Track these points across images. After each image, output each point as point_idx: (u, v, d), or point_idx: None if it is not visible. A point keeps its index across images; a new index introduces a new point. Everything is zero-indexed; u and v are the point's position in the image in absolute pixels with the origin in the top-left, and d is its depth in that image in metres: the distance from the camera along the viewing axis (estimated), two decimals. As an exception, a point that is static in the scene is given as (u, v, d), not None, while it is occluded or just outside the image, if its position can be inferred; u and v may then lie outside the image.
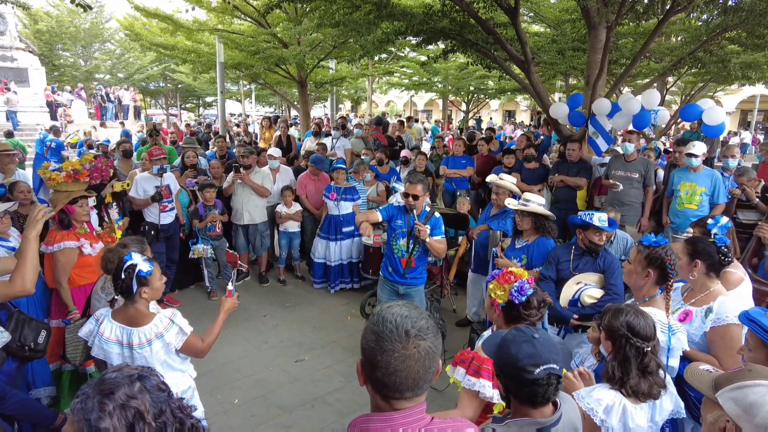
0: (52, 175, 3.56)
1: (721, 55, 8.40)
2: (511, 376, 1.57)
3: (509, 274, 2.22)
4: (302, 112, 13.79)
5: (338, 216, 6.25)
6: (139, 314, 2.50)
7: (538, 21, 13.05)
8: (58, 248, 3.55)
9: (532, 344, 1.55)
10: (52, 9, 26.83)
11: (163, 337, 2.49)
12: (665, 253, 2.47)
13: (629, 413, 1.96)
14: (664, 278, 2.48)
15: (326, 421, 3.88)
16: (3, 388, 2.38)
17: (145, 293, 2.49)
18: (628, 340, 1.99)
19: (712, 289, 2.59)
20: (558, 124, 7.17)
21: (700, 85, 14.23)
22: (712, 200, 5.31)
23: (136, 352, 2.44)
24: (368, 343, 1.26)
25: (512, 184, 4.73)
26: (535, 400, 1.56)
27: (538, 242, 4.00)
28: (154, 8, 12.49)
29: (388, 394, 1.26)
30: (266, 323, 5.56)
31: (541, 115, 31.79)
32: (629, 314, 2.04)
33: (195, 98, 35.28)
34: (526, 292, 2.16)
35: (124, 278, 2.42)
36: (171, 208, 5.74)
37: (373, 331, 1.26)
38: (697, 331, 2.52)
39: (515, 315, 2.19)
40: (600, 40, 6.74)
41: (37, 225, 2.53)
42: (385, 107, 42.23)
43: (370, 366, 1.26)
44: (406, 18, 6.97)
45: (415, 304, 1.34)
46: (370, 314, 5.61)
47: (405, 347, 1.22)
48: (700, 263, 2.59)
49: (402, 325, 1.24)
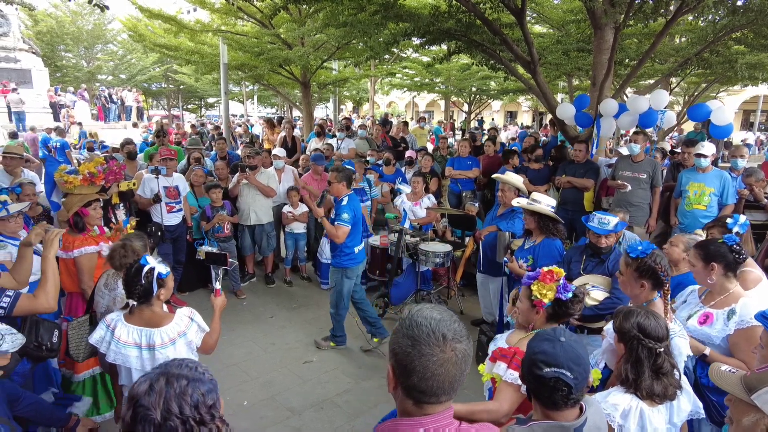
0: (69, 179, 3.57)
1: (727, 55, 8.39)
2: (525, 368, 1.62)
3: (549, 273, 2.24)
4: (305, 113, 13.79)
5: None
6: (156, 315, 2.52)
7: (541, 22, 13.04)
8: (79, 254, 3.54)
9: (553, 345, 1.57)
10: (54, 10, 26.89)
11: (185, 335, 2.53)
12: (654, 261, 2.41)
13: (647, 416, 1.94)
14: (659, 285, 2.43)
15: (335, 423, 3.86)
16: (17, 390, 2.37)
17: (162, 294, 2.52)
18: (640, 342, 1.98)
19: (731, 290, 2.56)
20: (564, 125, 7.15)
21: (703, 85, 14.22)
22: (720, 201, 5.29)
23: (159, 353, 2.44)
24: (403, 348, 1.23)
25: (518, 181, 4.72)
26: (548, 401, 1.57)
27: (543, 243, 3.98)
28: (157, 9, 12.51)
29: (422, 399, 1.24)
30: (273, 324, 5.54)
31: (543, 115, 31.89)
32: (640, 315, 2.03)
33: (197, 99, 35.36)
34: (571, 288, 2.20)
35: (144, 282, 2.44)
36: (178, 209, 5.74)
37: (409, 335, 1.23)
38: (720, 333, 2.49)
39: (561, 312, 2.22)
40: (606, 41, 6.73)
41: (54, 244, 2.69)
42: (387, 108, 42.22)
43: (405, 372, 1.23)
44: (412, 19, 6.96)
45: (444, 308, 1.33)
46: (378, 315, 5.61)
47: (443, 351, 1.21)
48: (716, 266, 2.55)
49: (438, 328, 1.23)
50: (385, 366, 4.51)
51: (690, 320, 2.57)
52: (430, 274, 6.11)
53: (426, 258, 5.38)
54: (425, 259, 5.40)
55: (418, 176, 6.45)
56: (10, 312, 2.51)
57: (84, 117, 20.10)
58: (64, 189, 3.71)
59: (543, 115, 32.21)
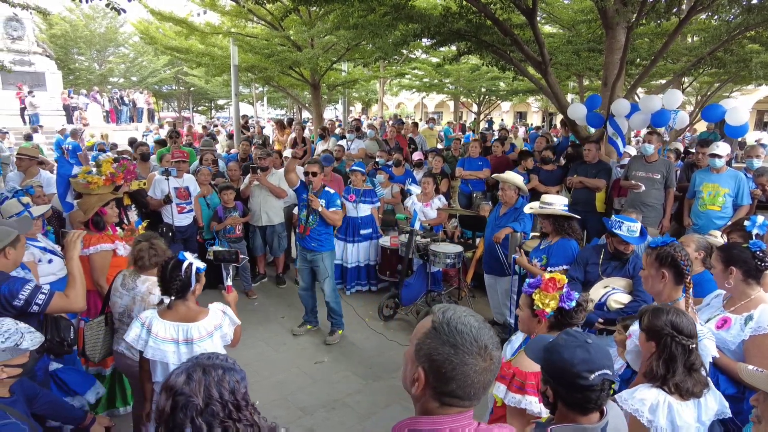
0: (92, 179, 3.64)
1: (741, 54, 8.28)
2: (564, 382, 1.54)
3: (551, 281, 2.15)
4: (315, 115, 13.84)
5: (356, 218, 6.24)
6: (191, 311, 2.59)
7: (552, 22, 12.98)
8: (94, 251, 3.61)
9: (586, 349, 1.53)
10: (68, 14, 27.25)
11: (221, 328, 2.62)
12: (674, 250, 2.43)
13: (675, 410, 1.91)
14: (680, 275, 2.41)
15: (347, 424, 3.87)
16: (34, 387, 2.41)
17: (197, 289, 2.60)
18: (674, 338, 1.95)
19: (753, 296, 2.50)
20: (575, 126, 7.10)
21: (716, 85, 14.05)
22: (735, 202, 5.22)
23: (197, 346, 2.50)
24: (444, 356, 1.20)
25: (518, 179, 4.72)
26: (587, 407, 1.53)
27: (559, 243, 3.97)
28: (168, 12, 12.62)
29: (453, 402, 1.23)
30: (284, 325, 5.56)
31: (553, 116, 31.69)
32: (671, 313, 2.00)
33: (207, 101, 35.64)
34: (574, 296, 2.12)
35: (183, 277, 2.51)
36: (189, 210, 5.78)
37: (450, 343, 1.20)
38: (735, 338, 2.44)
39: (564, 321, 2.14)
40: (618, 41, 6.67)
41: (77, 246, 2.81)
42: (396, 109, 42.23)
43: (443, 378, 1.21)
44: (422, 20, 6.95)
45: (471, 311, 1.32)
46: (388, 316, 5.62)
47: (484, 360, 1.21)
48: (735, 270, 2.50)
49: (480, 337, 1.22)
50: (396, 367, 4.53)
51: (708, 323, 2.53)
52: (440, 275, 6.10)
53: (437, 259, 5.37)
54: (436, 259, 5.39)
55: (428, 177, 6.45)
56: (44, 309, 2.60)
57: (96, 119, 20.35)
58: (85, 190, 3.77)
59: (553, 115, 32.04)
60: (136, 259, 3.08)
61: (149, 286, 3.00)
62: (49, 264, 3.56)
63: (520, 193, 4.88)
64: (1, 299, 2.50)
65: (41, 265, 3.50)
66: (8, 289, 2.52)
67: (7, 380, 2.10)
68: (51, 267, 3.57)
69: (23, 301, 2.52)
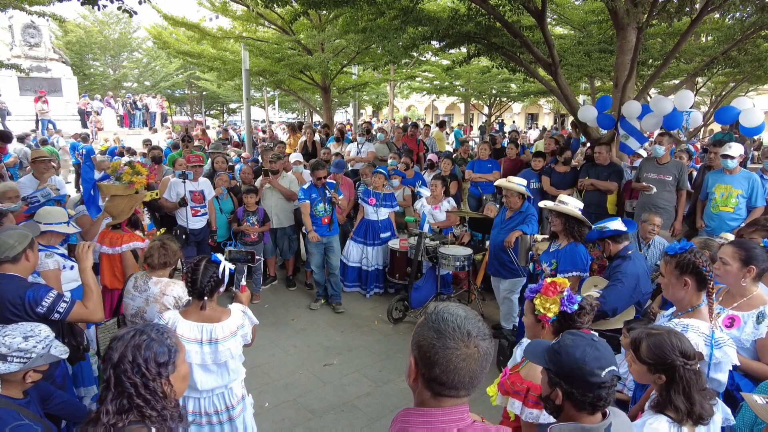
0: (135, 179, 3.85)
1: (756, 53, 8.16)
2: (578, 381, 1.53)
3: (552, 285, 2.13)
4: (326, 118, 13.91)
5: (376, 222, 6.27)
6: (215, 311, 2.63)
7: (562, 23, 12.91)
8: (127, 248, 3.78)
9: (595, 347, 1.54)
10: (83, 21, 27.73)
11: (243, 328, 2.69)
12: (695, 256, 2.31)
13: None
14: (703, 282, 2.30)
15: (356, 426, 3.88)
16: (49, 388, 2.45)
17: (220, 291, 2.64)
18: (685, 367, 1.85)
19: (754, 293, 2.49)
20: (586, 127, 7.05)
21: (731, 85, 13.86)
22: (749, 203, 5.15)
23: (221, 345, 2.56)
24: (428, 341, 1.28)
25: (520, 186, 4.69)
26: (598, 405, 1.54)
27: (567, 248, 3.93)
28: (181, 17, 12.80)
29: (442, 391, 1.28)
30: (294, 327, 5.59)
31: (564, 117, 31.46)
32: (672, 338, 1.89)
33: (219, 105, 35.98)
34: (576, 300, 2.10)
35: (217, 278, 2.57)
36: (203, 213, 5.85)
37: (435, 329, 1.28)
38: (750, 337, 2.42)
39: (568, 326, 2.09)
40: (629, 42, 6.61)
41: (89, 256, 2.85)
42: (406, 111, 42.26)
43: (428, 363, 1.27)
44: (431, 23, 6.96)
45: (467, 307, 1.37)
46: (398, 318, 5.63)
47: (467, 346, 1.26)
48: (755, 269, 2.47)
49: (464, 324, 1.28)
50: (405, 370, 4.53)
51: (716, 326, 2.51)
52: (450, 278, 6.09)
53: (446, 261, 5.36)
54: (445, 262, 5.38)
55: (437, 179, 6.44)
56: (65, 317, 2.64)
57: (110, 124, 20.65)
58: (130, 191, 3.93)
59: (565, 117, 31.82)
60: (146, 257, 3.15)
61: (162, 287, 3.04)
62: (71, 270, 3.64)
63: (525, 197, 4.85)
64: (25, 305, 2.52)
65: (64, 272, 3.56)
66: (33, 295, 2.55)
67: (29, 384, 2.16)
68: (73, 273, 3.64)
69: (46, 308, 2.56)
